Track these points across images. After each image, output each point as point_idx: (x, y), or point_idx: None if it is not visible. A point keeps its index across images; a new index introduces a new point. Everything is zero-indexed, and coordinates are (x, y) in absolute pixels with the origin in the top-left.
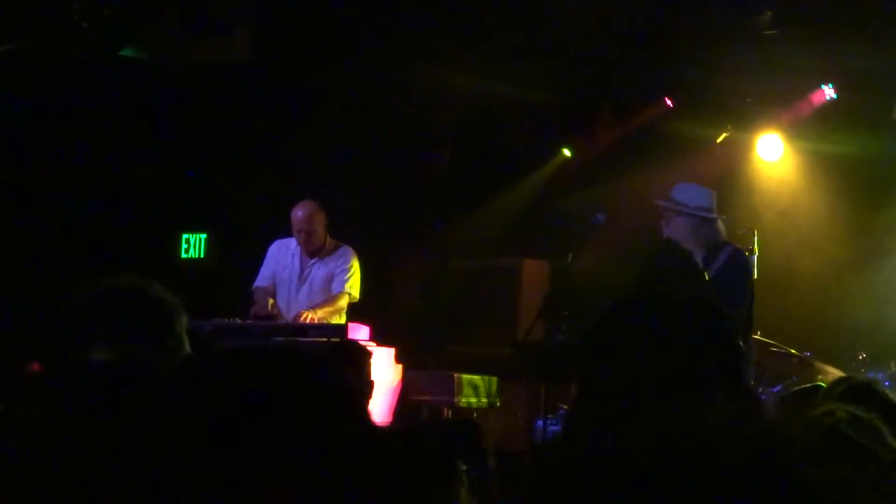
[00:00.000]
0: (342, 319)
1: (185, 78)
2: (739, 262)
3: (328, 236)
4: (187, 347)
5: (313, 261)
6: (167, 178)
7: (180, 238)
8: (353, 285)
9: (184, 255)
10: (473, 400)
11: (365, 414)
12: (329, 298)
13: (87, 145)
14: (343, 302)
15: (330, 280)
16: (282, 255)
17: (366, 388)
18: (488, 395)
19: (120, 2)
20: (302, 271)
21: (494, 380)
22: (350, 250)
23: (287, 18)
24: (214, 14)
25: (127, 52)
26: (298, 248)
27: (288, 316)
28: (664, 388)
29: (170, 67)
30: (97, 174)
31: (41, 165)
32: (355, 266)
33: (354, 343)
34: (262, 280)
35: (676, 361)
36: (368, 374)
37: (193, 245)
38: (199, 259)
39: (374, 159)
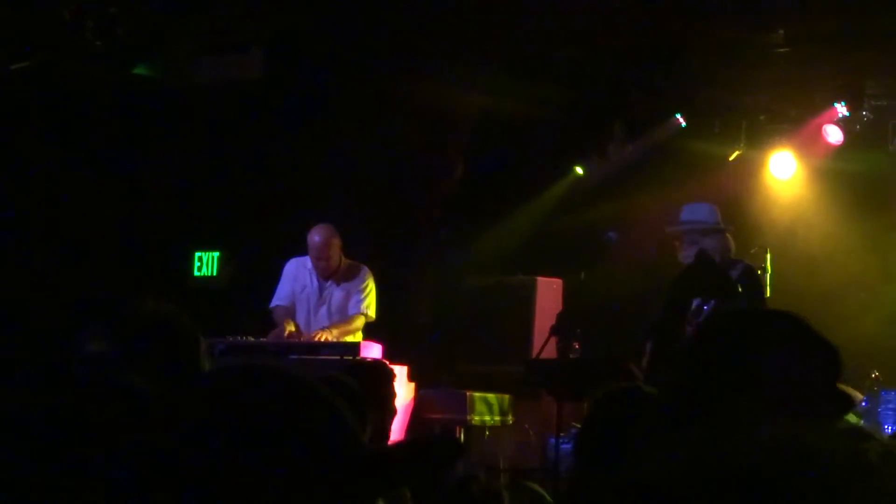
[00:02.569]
0: (358, 338)
1: (197, 96)
2: (751, 279)
3: (343, 257)
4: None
5: (330, 282)
6: (180, 195)
7: (193, 256)
8: (370, 305)
9: (196, 273)
10: (486, 418)
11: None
12: (346, 319)
13: (101, 163)
14: (359, 323)
15: (347, 299)
16: (300, 274)
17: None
18: (501, 413)
19: (133, 21)
20: (321, 292)
21: (507, 398)
22: (366, 269)
23: (299, 37)
24: (228, 33)
25: (140, 70)
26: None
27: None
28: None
29: (183, 85)
30: (110, 192)
31: (54, 183)
32: (371, 286)
33: (378, 363)
34: (280, 299)
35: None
36: (392, 397)
37: (206, 263)
38: (211, 277)
39: (388, 176)
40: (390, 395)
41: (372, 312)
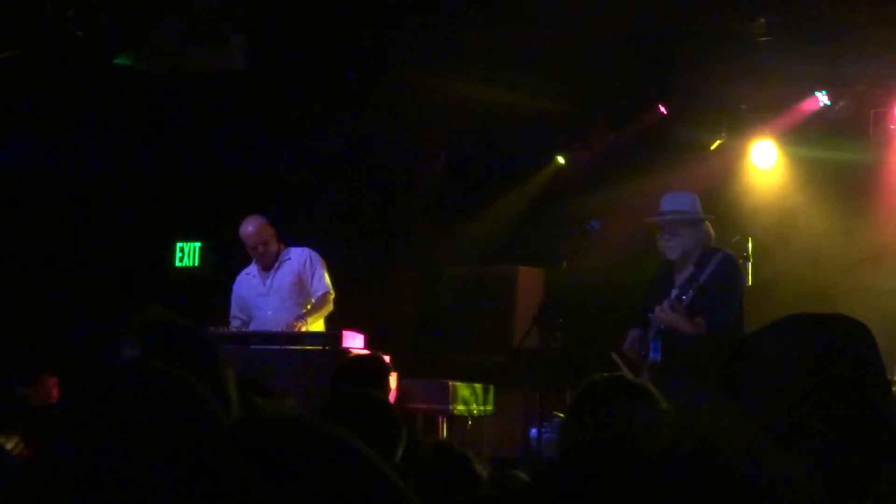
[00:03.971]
0: (319, 326)
1: (179, 86)
2: (730, 269)
3: (280, 243)
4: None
5: (274, 269)
6: (161, 185)
7: (174, 247)
8: (326, 280)
9: (178, 264)
10: (468, 407)
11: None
12: (315, 304)
13: (81, 153)
14: (328, 299)
15: (299, 283)
16: (242, 283)
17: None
18: (483, 403)
19: (115, 10)
20: (264, 283)
21: (490, 387)
22: (307, 249)
23: (282, 26)
24: (210, 22)
25: (122, 60)
26: (255, 267)
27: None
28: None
29: (164, 75)
30: (91, 182)
31: (35, 173)
32: (322, 262)
33: (374, 358)
34: (233, 318)
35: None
36: (388, 393)
37: (188, 254)
38: (193, 268)
39: (370, 166)
40: (386, 390)
41: (330, 287)
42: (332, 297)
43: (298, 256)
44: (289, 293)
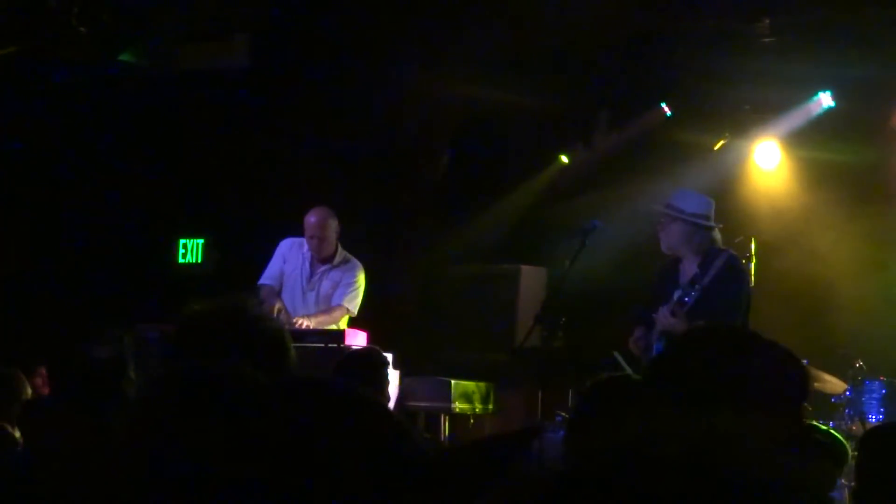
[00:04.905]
0: (343, 325)
1: (182, 83)
2: (735, 270)
3: (340, 246)
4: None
5: (324, 268)
6: (164, 182)
7: (177, 243)
8: (353, 300)
9: (181, 260)
10: (470, 406)
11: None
12: (326, 309)
13: (84, 150)
14: (338, 314)
15: (334, 290)
16: (292, 255)
17: (385, 394)
18: (485, 402)
19: (118, 8)
20: (311, 276)
21: (491, 386)
22: (359, 265)
23: (284, 24)
24: (213, 20)
25: (125, 57)
26: (310, 252)
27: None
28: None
29: (168, 72)
30: (94, 179)
31: (38, 170)
32: (360, 282)
33: (372, 350)
34: (268, 278)
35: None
36: (386, 384)
37: (190, 250)
38: (196, 264)
39: (372, 164)
40: (384, 381)
41: (355, 309)
42: (342, 313)
43: (348, 268)
44: (325, 297)
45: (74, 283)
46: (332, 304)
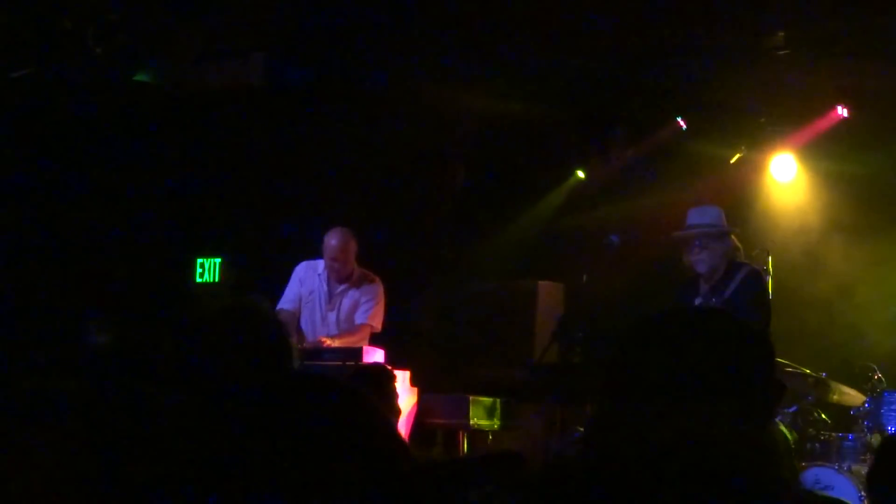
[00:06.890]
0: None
1: (199, 102)
2: (756, 283)
3: (357, 264)
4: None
5: (342, 287)
6: (182, 201)
7: (195, 262)
8: (376, 316)
9: (198, 280)
10: (488, 422)
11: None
12: (351, 329)
13: (103, 169)
14: (364, 333)
15: (356, 308)
16: (308, 277)
17: (392, 411)
18: (503, 418)
19: (134, 27)
20: (331, 297)
21: (510, 402)
22: (377, 281)
23: (301, 42)
24: (229, 39)
25: (141, 76)
26: (325, 271)
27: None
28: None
29: (184, 91)
30: (112, 198)
31: (55, 190)
32: (380, 297)
33: (379, 366)
34: (286, 302)
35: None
36: (395, 397)
37: (208, 269)
38: (213, 283)
39: (389, 181)
40: (392, 394)
41: (378, 324)
42: (367, 331)
43: (367, 285)
44: (346, 316)
45: (92, 303)
46: (355, 322)
